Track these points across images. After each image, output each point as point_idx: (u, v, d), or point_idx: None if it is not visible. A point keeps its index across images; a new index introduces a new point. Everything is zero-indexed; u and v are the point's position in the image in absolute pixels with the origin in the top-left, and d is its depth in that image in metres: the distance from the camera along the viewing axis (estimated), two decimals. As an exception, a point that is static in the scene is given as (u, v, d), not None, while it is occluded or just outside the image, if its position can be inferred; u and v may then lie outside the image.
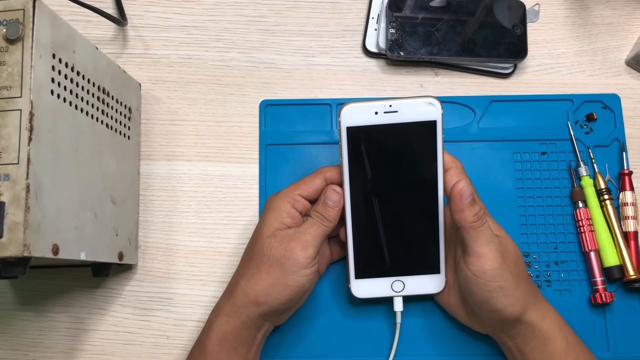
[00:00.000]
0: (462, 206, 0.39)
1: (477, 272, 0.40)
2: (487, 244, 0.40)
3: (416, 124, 0.41)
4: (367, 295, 0.45)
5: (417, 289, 0.44)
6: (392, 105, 0.41)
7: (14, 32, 0.36)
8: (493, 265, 0.39)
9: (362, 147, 0.42)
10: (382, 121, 0.41)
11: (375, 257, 0.44)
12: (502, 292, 0.40)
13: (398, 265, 0.44)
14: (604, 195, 0.50)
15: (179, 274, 0.52)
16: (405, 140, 0.42)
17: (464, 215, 0.39)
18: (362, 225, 0.43)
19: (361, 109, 0.41)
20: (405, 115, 0.41)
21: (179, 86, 0.55)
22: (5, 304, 0.52)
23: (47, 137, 0.37)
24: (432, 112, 0.41)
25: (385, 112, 0.41)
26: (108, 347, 0.51)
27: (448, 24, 0.53)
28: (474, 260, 0.40)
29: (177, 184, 0.53)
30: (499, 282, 0.39)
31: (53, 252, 0.37)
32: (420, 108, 0.41)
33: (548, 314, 0.42)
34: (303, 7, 0.57)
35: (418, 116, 0.41)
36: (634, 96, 0.54)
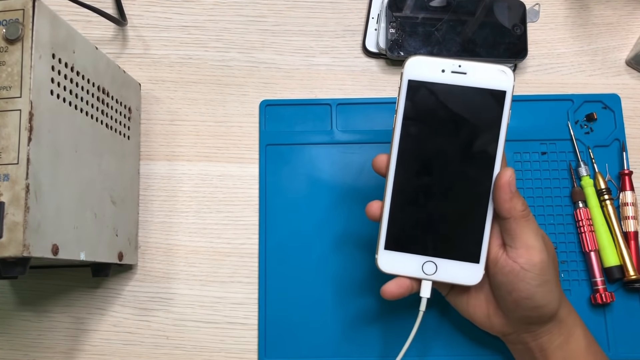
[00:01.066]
0: (510, 195, 0.37)
1: (526, 264, 0.38)
2: (536, 235, 0.38)
3: (484, 90, 0.38)
4: (394, 271, 0.40)
5: (449, 276, 0.39)
6: (461, 66, 0.38)
7: (14, 32, 0.36)
8: (543, 257, 0.38)
9: (421, 104, 0.39)
10: (448, 80, 0.38)
11: (412, 230, 0.40)
12: (547, 287, 0.38)
13: (434, 245, 0.39)
14: (604, 195, 0.50)
15: (179, 274, 0.52)
16: (469, 106, 0.38)
17: (513, 204, 0.37)
18: (403, 190, 0.39)
19: (428, 63, 0.38)
20: (473, 79, 0.38)
21: (178, 86, 0.55)
22: (5, 304, 0.52)
23: (47, 137, 0.37)
24: (503, 81, 0.38)
25: (452, 72, 0.38)
26: (108, 347, 0.51)
27: (448, 24, 0.53)
28: (523, 252, 0.38)
29: (177, 184, 0.53)
30: (546, 275, 0.38)
31: (53, 252, 0.37)
32: (491, 74, 0.38)
33: (572, 311, 0.41)
34: (303, 7, 0.57)
35: (487, 82, 0.38)
36: (634, 96, 0.54)
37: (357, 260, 0.50)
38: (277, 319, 0.49)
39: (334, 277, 0.50)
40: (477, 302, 0.42)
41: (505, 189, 0.38)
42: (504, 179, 0.38)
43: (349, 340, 0.49)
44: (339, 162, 0.52)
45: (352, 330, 0.49)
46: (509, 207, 0.38)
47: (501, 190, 0.38)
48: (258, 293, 0.51)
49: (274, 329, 0.49)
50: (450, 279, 0.39)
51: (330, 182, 0.52)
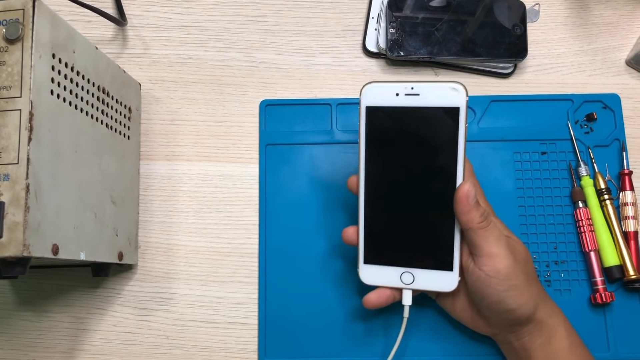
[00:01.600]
0: (468, 207, 0.39)
1: (490, 271, 0.39)
2: (496, 243, 0.39)
3: (438, 109, 0.39)
4: (375, 282, 0.43)
5: (427, 284, 0.42)
6: (414, 88, 0.39)
7: (14, 32, 0.36)
8: (506, 263, 0.39)
9: (380, 128, 0.40)
10: (403, 103, 0.40)
11: (386, 244, 0.42)
12: (516, 291, 0.39)
13: (409, 256, 0.42)
14: (604, 195, 0.50)
15: (179, 274, 0.52)
16: (426, 125, 0.40)
17: (470, 217, 0.39)
18: (375, 209, 0.42)
19: (382, 88, 0.40)
20: (427, 99, 0.39)
21: (178, 86, 0.55)
22: (5, 304, 0.52)
23: (47, 137, 0.37)
24: (455, 98, 0.39)
25: (406, 94, 0.39)
26: (108, 347, 0.51)
27: (448, 24, 0.53)
28: (486, 261, 0.39)
29: (177, 184, 0.53)
30: (512, 280, 0.39)
31: (53, 252, 0.37)
32: (443, 92, 0.39)
33: (554, 312, 0.42)
34: (303, 6, 0.57)
35: (440, 101, 0.39)
36: (634, 96, 0.54)
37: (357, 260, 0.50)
38: (277, 319, 0.49)
39: (334, 276, 0.50)
40: (462, 305, 0.44)
41: (463, 201, 0.39)
42: (461, 192, 0.39)
43: (349, 340, 0.49)
44: (339, 162, 0.52)
45: (352, 330, 0.49)
46: (466, 220, 0.39)
47: (459, 203, 0.39)
48: (258, 293, 0.51)
49: (274, 329, 0.49)
50: (427, 287, 0.42)
51: (330, 182, 0.52)
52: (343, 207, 0.51)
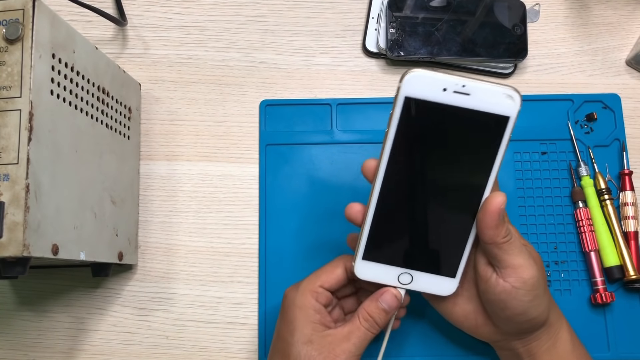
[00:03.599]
0: (496, 222, 0.36)
1: (517, 282, 0.37)
2: (520, 254, 0.37)
3: (486, 115, 0.35)
4: (370, 278, 0.40)
5: (424, 286, 0.39)
6: (465, 86, 0.35)
7: (14, 32, 0.36)
8: (532, 273, 0.37)
9: (416, 122, 0.36)
10: (448, 101, 0.35)
11: (391, 243, 0.39)
12: (538, 300, 0.38)
13: (411, 258, 0.39)
14: (604, 195, 0.50)
15: (179, 274, 0.52)
16: (468, 129, 0.36)
17: (497, 232, 0.36)
18: (388, 204, 0.38)
19: (429, 80, 0.35)
20: (476, 102, 0.35)
21: (178, 86, 0.55)
22: (5, 304, 0.52)
23: (47, 137, 0.37)
24: (508, 107, 0.35)
25: (455, 92, 0.35)
26: (108, 347, 0.51)
27: (448, 24, 0.53)
28: (511, 272, 0.37)
29: (177, 184, 0.53)
30: (536, 290, 0.37)
31: (53, 252, 0.37)
32: (496, 98, 0.35)
33: (560, 315, 0.42)
34: (303, 7, 0.57)
35: (491, 107, 0.35)
36: (634, 96, 0.54)
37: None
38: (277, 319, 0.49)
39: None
40: (465, 312, 0.41)
41: (494, 215, 0.36)
42: (494, 205, 0.36)
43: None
44: (339, 162, 0.52)
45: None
46: (491, 235, 0.36)
47: (488, 216, 0.36)
48: (258, 293, 0.51)
49: (274, 329, 0.49)
50: (424, 289, 0.40)
51: (330, 182, 0.52)
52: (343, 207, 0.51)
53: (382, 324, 0.39)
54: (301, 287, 0.41)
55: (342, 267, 0.41)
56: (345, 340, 0.38)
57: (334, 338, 0.38)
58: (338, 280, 0.41)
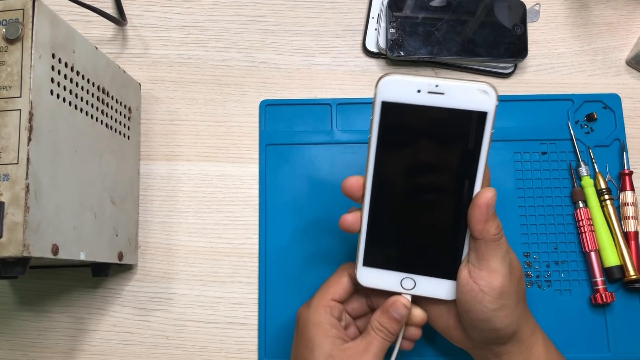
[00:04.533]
0: (486, 216, 0.36)
1: (485, 287, 0.37)
2: (502, 260, 0.37)
3: (463, 112, 0.35)
4: (373, 285, 0.40)
5: (428, 291, 0.39)
6: (438, 86, 0.35)
7: (14, 32, 0.36)
8: (503, 282, 0.37)
9: (396, 126, 0.36)
10: (424, 102, 0.35)
11: (390, 248, 0.39)
12: (504, 311, 0.37)
13: (412, 262, 0.39)
14: (605, 195, 0.50)
15: (179, 274, 0.52)
16: (448, 128, 0.36)
17: (487, 227, 0.36)
18: (382, 209, 0.38)
19: (403, 83, 0.35)
20: (452, 100, 0.35)
21: (178, 86, 0.55)
22: (5, 304, 0.52)
23: (47, 137, 0.37)
24: (484, 102, 0.35)
25: (429, 92, 0.35)
26: (108, 347, 0.51)
27: (448, 24, 0.53)
28: (485, 275, 0.37)
29: (177, 184, 0.53)
30: (504, 300, 0.37)
31: (53, 252, 0.37)
32: (471, 95, 0.35)
33: (535, 330, 0.41)
34: (303, 6, 0.57)
35: (467, 103, 0.35)
36: (634, 96, 0.54)
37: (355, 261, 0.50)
38: (277, 319, 0.49)
39: (334, 277, 0.50)
40: (438, 311, 0.41)
41: (482, 209, 0.36)
42: (482, 199, 0.36)
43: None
44: (339, 162, 0.52)
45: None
46: (481, 229, 0.36)
47: (477, 210, 0.36)
48: (258, 293, 0.51)
49: (274, 329, 0.49)
50: (428, 293, 0.39)
51: (330, 182, 0.52)
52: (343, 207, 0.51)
53: (395, 332, 0.39)
54: (313, 304, 0.41)
55: (346, 275, 0.41)
56: (364, 352, 0.38)
57: (354, 351, 0.39)
58: (346, 289, 0.41)
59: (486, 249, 0.37)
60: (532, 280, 0.50)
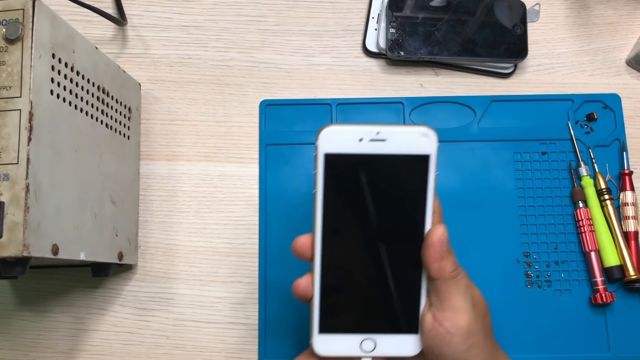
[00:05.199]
0: (441, 254, 0.35)
1: (452, 328, 0.36)
2: (464, 296, 0.36)
3: (406, 157, 0.35)
4: (332, 353, 0.37)
5: (390, 349, 0.37)
6: (379, 133, 0.35)
7: (14, 32, 0.36)
8: (469, 320, 0.35)
9: (340, 177, 0.36)
10: (367, 150, 0.35)
11: (346, 310, 0.38)
12: (474, 350, 0.36)
13: (370, 321, 0.38)
14: (605, 195, 0.50)
15: (179, 274, 0.52)
16: (392, 175, 0.36)
17: (443, 264, 0.35)
18: (333, 267, 0.37)
19: (344, 133, 0.35)
20: (394, 146, 0.35)
21: (178, 86, 0.55)
22: (5, 304, 0.52)
23: (47, 137, 0.37)
24: (425, 145, 0.35)
25: (371, 140, 0.35)
26: (108, 347, 0.51)
27: (448, 24, 0.53)
28: (449, 315, 0.35)
29: (177, 184, 0.53)
30: (473, 338, 0.36)
31: (53, 252, 0.37)
32: (412, 138, 0.35)
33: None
34: (303, 7, 0.57)
35: (409, 148, 0.35)
36: (634, 96, 0.54)
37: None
38: (277, 319, 0.49)
39: (334, 277, 0.50)
40: None
41: (436, 247, 0.35)
42: (434, 237, 0.35)
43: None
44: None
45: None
46: (438, 267, 0.35)
47: (431, 249, 0.35)
48: (258, 293, 0.51)
49: (274, 329, 0.49)
50: (389, 352, 0.38)
51: (330, 182, 0.52)
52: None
53: None
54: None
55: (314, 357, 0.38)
56: None
57: None
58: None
59: (445, 288, 0.36)
60: (532, 280, 0.50)
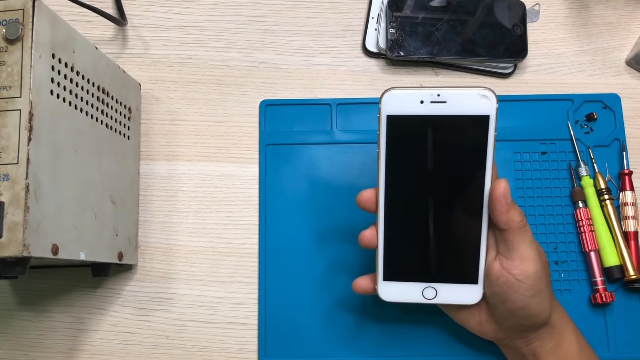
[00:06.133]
0: (507, 206, 0.37)
1: (520, 275, 0.38)
2: (531, 246, 0.38)
3: (466, 117, 0.37)
4: (396, 299, 0.41)
5: (450, 297, 0.40)
6: (440, 95, 0.37)
7: (14, 32, 0.36)
8: (537, 268, 0.38)
9: (403, 138, 0.38)
10: (428, 112, 0.37)
11: (408, 260, 0.40)
12: (540, 297, 0.38)
13: (432, 271, 0.40)
14: (604, 195, 0.50)
15: (179, 274, 0.52)
16: (453, 135, 0.37)
17: (510, 216, 0.37)
18: (395, 223, 0.39)
19: (405, 96, 0.37)
20: (454, 107, 0.37)
21: (178, 86, 0.55)
22: (5, 304, 0.52)
23: (47, 137, 0.37)
24: (485, 106, 0.36)
25: (432, 102, 0.37)
26: (108, 347, 0.51)
27: (448, 24, 0.53)
28: (518, 264, 0.38)
29: (177, 184, 0.53)
30: (539, 286, 0.38)
31: (53, 252, 0.37)
32: (472, 100, 0.36)
33: (564, 315, 0.41)
34: (303, 7, 0.57)
35: (469, 109, 0.37)
36: (634, 96, 0.54)
37: (357, 260, 0.50)
38: (277, 319, 0.49)
39: (334, 277, 0.50)
40: (469, 310, 0.42)
41: (501, 200, 0.37)
42: (498, 191, 0.37)
43: (349, 340, 0.49)
44: (339, 162, 0.52)
45: (351, 331, 0.49)
46: (506, 219, 0.37)
47: (497, 203, 0.37)
48: (258, 293, 0.51)
49: (274, 329, 0.49)
50: (450, 300, 0.40)
51: (330, 182, 0.52)
52: (343, 207, 0.51)
53: None
54: None
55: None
56: None
57: None
58: None
59: (514, 238, 0.38)
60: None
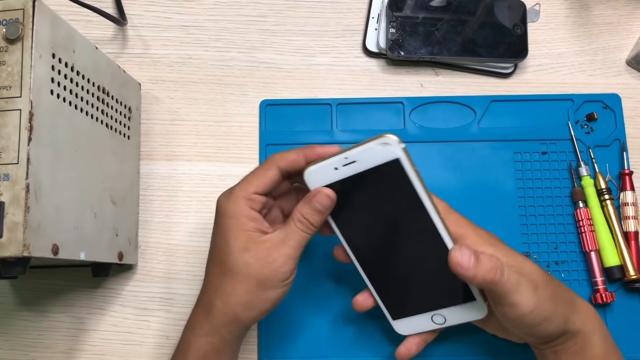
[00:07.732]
0: (470, 272, 0.35)
1: (516, 319, 0.37)
2: (516, 291, 0.36)
3: (379, 167, 0.37)
4: (412, 332, 0.43)
5: (459, 318, 0.41)
6: (347, 157, 0.37)
7: (14, 31, 0.36)
8: (530, 308, 0.36)
9: (340, 203, 0.39)
10: (346, 174, 0.38)
11: (403, 298, 0.42)
12: (546, 323, 0.37)
13: (429, 301, 0.41)
14: (605, 195, 0.50)
15: (179, 274, 0.51)
16: (378, 185, 0.38)
17: (478, 280, 0.35)
18: (376, 271, 0.42)
19: (320, 169, 0.38)
20: (365, 163, 0.37)
21: (179, 86, 0.55)
22: (5, 304, 0.52)
23: (47, 137, 0.37)
24: (388, 152, 0.36)
25: (344, 165, 0.37)
26: (108, 347, 0.51)
27: (448, 24, 0.53)
28: (509, 311, 0.37)
29: (177, 184, 0.53)
30: (541, 316, 0.37)
31: (53, 252, 0.37)
32: (375, 152, 0.36)
33: (588, 318, 0.40)
34: (303, 6, 0.57)
35: (377, 160, 0.37)
36: (634, 96, 0.54)
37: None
38: (277, 319, 0.49)
39: (334, 277, 0.50)
40: (493, 323, 0.42)
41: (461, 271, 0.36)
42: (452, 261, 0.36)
43: (349, 340, 0.49)
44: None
45: (352, 331, 0.49)
46: (477, 283, 0.36)
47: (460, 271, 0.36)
48: (258, 293, 0.50)
49: (274, 329, 0.49)
50: (460, 320, 0.42)
51: (330, 182, 0.52)
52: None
53: (317, 224, 0.39)
54: (233, 195, 0.39)
55: (274, 168, 0.39)
56: (281, 244, 0.38)
57: (271, 243, 0.38)
58: (272, 182, 0.39)
59: (495, 292, 0.37)
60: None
